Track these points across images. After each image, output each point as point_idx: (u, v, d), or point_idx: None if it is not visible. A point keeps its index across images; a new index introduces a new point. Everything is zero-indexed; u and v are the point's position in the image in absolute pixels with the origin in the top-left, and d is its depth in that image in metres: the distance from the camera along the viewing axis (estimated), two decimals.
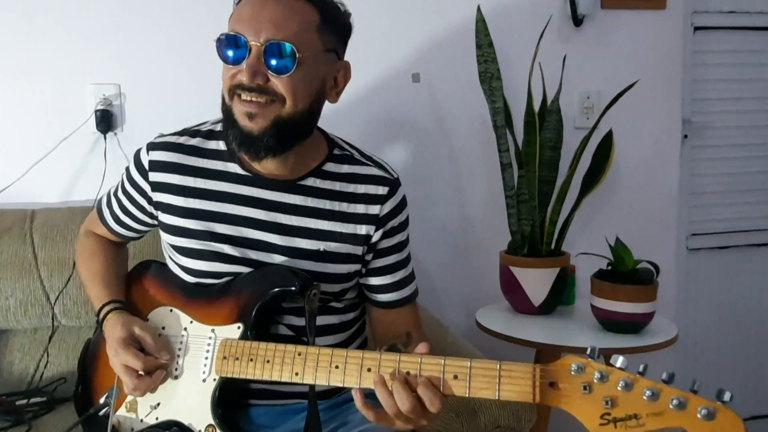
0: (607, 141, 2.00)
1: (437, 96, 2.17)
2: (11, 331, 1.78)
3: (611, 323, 1.80)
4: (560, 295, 2.00)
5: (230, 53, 1.16)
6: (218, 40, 1.16)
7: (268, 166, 1.25)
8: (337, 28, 1.23)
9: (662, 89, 2.34)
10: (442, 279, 2.22)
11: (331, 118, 2.05)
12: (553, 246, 2.02)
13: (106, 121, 1.94)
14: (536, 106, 1.99)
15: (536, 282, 1.96)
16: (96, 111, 1.94)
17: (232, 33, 1.15)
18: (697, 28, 2.43)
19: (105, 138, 1.96)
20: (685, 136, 2.45)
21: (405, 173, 2.12)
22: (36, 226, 1.79)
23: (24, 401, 1.61)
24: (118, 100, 1.98)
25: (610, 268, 1.84)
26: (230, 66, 1.17)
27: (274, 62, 1.14)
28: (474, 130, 2.19)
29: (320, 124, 1.32)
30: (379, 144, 2.10)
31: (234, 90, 1.17)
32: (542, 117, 1.99)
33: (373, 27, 2.10)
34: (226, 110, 1.20)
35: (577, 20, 2.22)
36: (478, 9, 1.96)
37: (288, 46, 1.13)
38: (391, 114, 2.15)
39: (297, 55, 1.13)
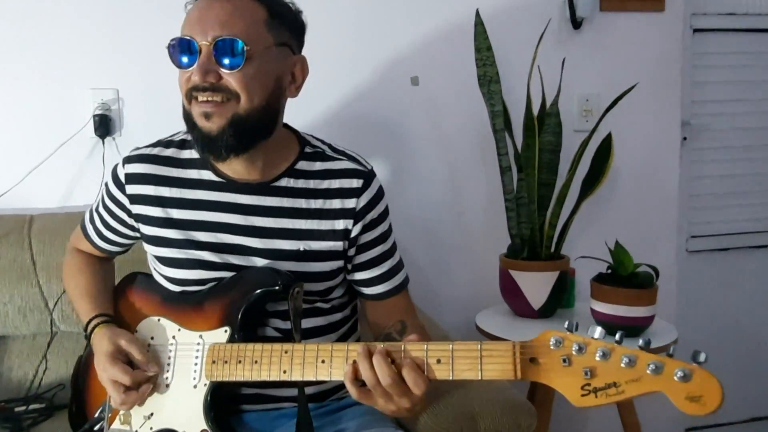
0: (607, 144, 2.00)
1: (436, 100, 2.17)
2: (10, 337, 1.77)
3: (611, 327, 1.79)
4: (560, 299, 2.00)
5: (183, 57, 1.18)
6: (170, 47, 1.19)
7: (238, 170, 1.26)
8: (287, 22, 1.23)
9: (661, 92, 2.34)
10: (441, 282, 2.22)
11: (329, 121, 2.06)
12: (552, 249, 2.02)
13: (104, 125, 1.94)
14: (535, 110, 1.98)
15: (536, 285, 1.96)
16: (94, 116, 1.94)
17: (181, 37, 1.17)
18: (696, 30, 2.43)
19: (103, 143, 1.95)
20: (684, 139, 2.45)
21: (404, 177, 2.15)
22: (34, 232, 1.79)
23: (23, 408, 1.61)
24: (117, 104, 1.97)
25: (609, 271, 1.84)
26: (185, 70, 1.18)
27: (225, 59, 1.15)
28: (473, 133, 2.19)
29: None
30: (377, 148, 2.10)
31: (190, 93, 1.18)
32: (541, 120, 1.98)
33: (371, 30, 2.10)
34: (187, 115, 1.21)
35: (576, 23, 2.22)
36: (477, 13, 1.96)
37: (236, 41, 1.14)
38: (389, 117, 2.14)
39: (246, 49, 1.14)
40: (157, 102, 1.97)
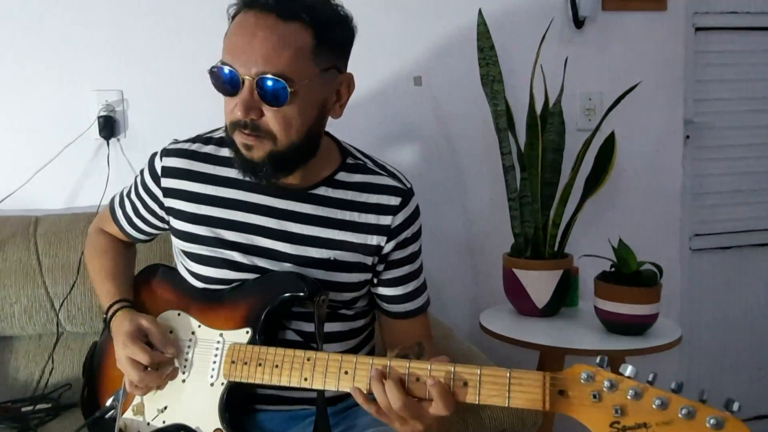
0: (610, 143, 2.00)
1: (439, 99, 2.17)
2: (16, 338, 1.78)
3: (615, 325, 1.80)
4: (564, 297, 2.00)
5: (225, 86, 1.14)
6: (211, 73, 1.15)
7: None
8: (335, 44, 1.18)
9: (664, 90, 2.34)
10: (445, 282, 2.22)
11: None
12: (556, 248, 2.02)
13: (108, 127, 1.95)
14: (538, 109, 1.99)
15: (540, 284, 1.96)
16: (99, 117, 1.94)
17: (223, 66, 1.13)
18: (698, 29, 2.43)
19: (108, 144, 1.96)
20: (687, 137, 2.46)
21: (408, 177, 2.14)
22: (40, 233, 1.80)
23: (30, 408, 1.61)
24: (121, 106, 1.98)
25: (613, 269, 1.84)
26: (229, 98, 1.15)
27: (267, 98, 1.12)
28: (476, 133, 2.19)
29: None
30: (381, 148, 2.10)
31: (233, 125, 1.17)
32: (544, 119, 1.99)
33: (374, 31, 2.09)
34: (230, 140, 1.20)
35: (579, 22, 2.23)
36: (480, 12, 1.96)
37: (279, 81, 1.10)
38: (393, 118, 2.15)
39: (289, 90, 1.11)
40: (162, 103, 1.99)
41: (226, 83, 1.13)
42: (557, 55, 2.06)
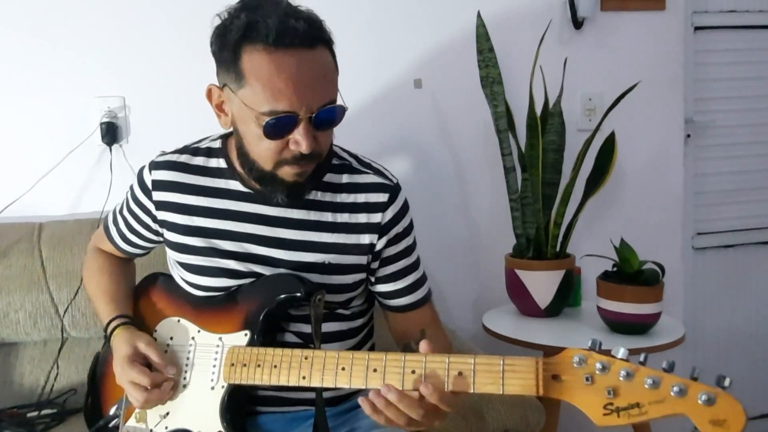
0: (610, 142, 2.00)
1: (439, 102, 2.18)
2: (21, 344, 1.79)
3: (618, 324, 1.80)
4: (566, 297, 2.00)
5: (280, 131, 1.14)
6: (267, 126, 1.13)
7: None
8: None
9: (664, 90, 2.35)
10: (448, 283, 2.22)
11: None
12: (558, 248, 2.02)
13: (111, 133, 1.96)
14: (538, 110, 1.99)
15: (542, 284, 1.97)
16: (101, 123, 1.96)
17: (280, 115, 1.12)
18: (697, 28, 2.44)
19: (110, 150, 1.97)
20: (688, 136, 2.46)
21: (409, 179, 2.15)
22: (44, 239, 1.81)
23: (35, 413, 1.62)
24: (123, 112, 1.99)
25: (615, 269, 1.84)
26: (275, 141, 1.15)
27: (326, 124, 1.17)
28: (477, 134, 2.20)
29: None
30: (382, 150, 2.11)
31: (284, 162, 1.17)
32: (544, 120, 1.99)
33: (374, 34, 2.11)
34: (266, 175, 1.20)
35: (578, 23, 2.23)
36: (479, 14, 1.97)
37: (336, 106, 1.16)
38: (393, 120, 2.16)
39: (339, 110, 1.17)
40: (164, 109, 2.00)
41: (283, 128, 1.14)
42: (556, 56, 2.06)
